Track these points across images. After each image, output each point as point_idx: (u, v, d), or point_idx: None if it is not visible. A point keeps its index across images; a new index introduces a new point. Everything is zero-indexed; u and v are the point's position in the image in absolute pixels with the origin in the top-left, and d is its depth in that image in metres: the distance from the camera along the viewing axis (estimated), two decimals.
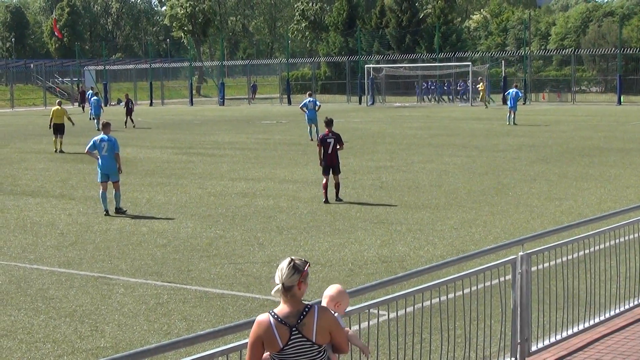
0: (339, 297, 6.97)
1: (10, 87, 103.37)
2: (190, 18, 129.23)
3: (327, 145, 23.35)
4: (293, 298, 6.47)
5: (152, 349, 6.70)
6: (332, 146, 23.34)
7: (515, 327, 10.03)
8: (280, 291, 6.48)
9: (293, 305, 6.47)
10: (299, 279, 6.44)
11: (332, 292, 7.03)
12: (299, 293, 6.48)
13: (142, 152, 38.65)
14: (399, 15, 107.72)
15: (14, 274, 15.74)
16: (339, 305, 6.93)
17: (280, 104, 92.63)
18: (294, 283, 6.44)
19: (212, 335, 7.18)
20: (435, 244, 17.64)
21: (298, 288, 6.45)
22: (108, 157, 22.51)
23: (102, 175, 22.48)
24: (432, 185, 26.11)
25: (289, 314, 6.46)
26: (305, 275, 6.48)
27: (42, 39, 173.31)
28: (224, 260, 16.50)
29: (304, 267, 6.48)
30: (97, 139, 22.60)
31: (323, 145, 23.40)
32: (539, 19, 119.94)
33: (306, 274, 6.49)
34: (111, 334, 12.02)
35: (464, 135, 43.86)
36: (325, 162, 23.32)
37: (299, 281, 6.44)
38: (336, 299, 6.96)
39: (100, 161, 22.52)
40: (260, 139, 44.46)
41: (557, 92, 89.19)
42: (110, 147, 22.56)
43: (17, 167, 33.55)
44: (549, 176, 27.60)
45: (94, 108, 56.40)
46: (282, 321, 6.44)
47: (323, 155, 23.33)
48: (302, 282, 6.46)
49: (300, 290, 6.47)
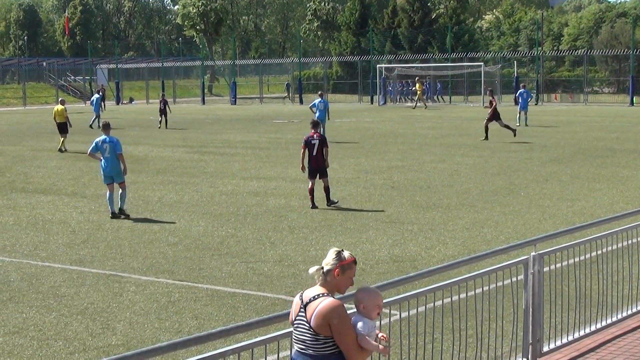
0: (361, 297, 6.76)
1: (22, 85, 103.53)
2: (202, 17, 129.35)
3: (311, 147, 22.43)
4: (326, 283, 6.63)
5: (163, 347, 6.71)
6: (317, 148, 22.39)
7: (527, 327, 10.02)
8: (320, 273, 6.65)
9: (321, 288, 6.64)
10: (337, 265, 6.59)
11: (356, 292, 6.89)
12: (334, 280, 6.61)
13: (154, 151, 38.69)
14: (411, 15, 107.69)
15: (25, 271, 15.77)
16: (364, 308, 6.71)
17: (292, 103, 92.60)
18: (331, 267, 6.60)
19: (223, 334, 7.19)
20: (446, 243, 17.61)
21: (334, 275, 6.59)
22: (111, 158, 21.93)
23: (107, 177, 21.97)
24: (443, 185, 26.08)
25: (311, 293, 6.64)
26: (344, 265, 6.61)
27: (55, 38, 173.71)
28: (235, 259, 16.50)
29: (347, 257, 6.65)
30: (99, 141, 21.95)
31: (308, 147, 22.51)
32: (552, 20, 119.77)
33: (346, 263, 6.62)
34: (122, 332, 12.03)
35: (475, 136, 43.78)
36: (311, 165, 22.52)
37: (335, 267, 6.59)
38: (360, 300, 6.76)
39: (104, 163, 21.95)
40: (272, 138, 44.47)
41: (569, 93, 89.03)
42: (113, 148, 21.93)
43: (29, 165, 33.61)
44: (561, 177, 27.54)
45: (95, 106, 56.15)
46: (300, 297, 6.67)
47: (308, 157, 22.53)
48: (340, 270, 6.59)
49: (337, 278, 6.60)
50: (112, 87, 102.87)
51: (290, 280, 14.73)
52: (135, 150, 38.96)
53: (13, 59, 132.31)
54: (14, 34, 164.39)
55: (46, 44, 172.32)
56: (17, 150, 40.42)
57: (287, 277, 14.92)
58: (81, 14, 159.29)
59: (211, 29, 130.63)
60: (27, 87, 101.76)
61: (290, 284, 14.44)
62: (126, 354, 6.35)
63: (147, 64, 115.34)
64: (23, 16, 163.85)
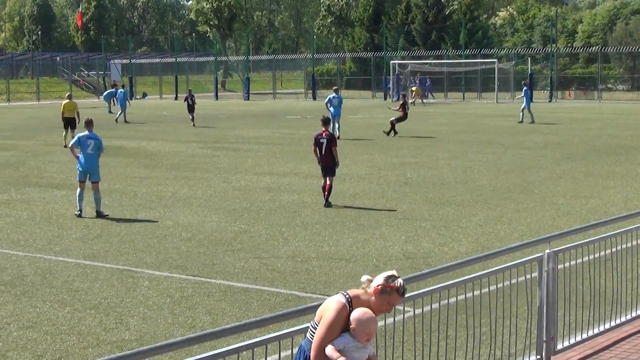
0: (356, 319, 6.65)
1: (36, 79, 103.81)
2: (216, 12, 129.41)
3: (320, 146, 22.28)
4: (366, 294, 6.80)
5: (177, 342, 6.72)
6: (325, 147, 22.20)
7: (541, 325, 9.99)
8: (368, 284, 6.86)
9: (359, 291, 6.85)
10: (380, 284, 6.75)
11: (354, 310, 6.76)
12: (371, 297, 6.76)
13: (167, 146, 38.74)
14: (425, 11, 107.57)
15: (39, 265, 15.80)
16: (354, 330, 6.62)
17: (305, 99, 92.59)
18: (375, 284, 6.77)
19: (237, 330, 7.18)
20: (460, 240, 17.59)
21: (373, 291, 6.75)
22: (93, 155, 21.58)
23: (82, 173, 21.42)
24: (457, 182, 26.04)
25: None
26: (387, 288, 6.73)
27: (69, 32, 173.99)
28: (249, 254, 16.50)
29: (394, 283, 6.74)
30: (83, 136, 21.53)
31: (317, 145, 22.38)
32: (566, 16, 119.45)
33: (389, 287, 6.72)
34: (136, 327, 12.05)
35: (489, 132, 43.73)
36: (320, 163, 22.41)
37: (378, 285, 6.75)
38: (354, 320, 6.66)
39: (83, 159, 21.47)
40: (285, 134, 44.47)
41: (583, 90, 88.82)
42: (97, 145, 21.65)
43: (42, 160, 33.69)
44: (574, 174, 27.47)
45: (120, 100, 57.04)
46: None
47: (318, 155, 22.33)
48: (379, 290, 6.73)
49: (374, 296, 6.73)
50: (126, 82, 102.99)
51: (303, 276, 14.73)
52: (149, 146, 39.02)
53: (27, 54, 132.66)
54: (28, 28, 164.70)
55: (60, 39, 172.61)
56: (30, 144, 40.52)
57: (300, 273, 14.91)
58: (95, 9, 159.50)
59: (225, 25, 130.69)
60: (40, 82, 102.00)
61: (303, 280, 14.44)
62: (140, 349, 6.36)
63: (161, 60, 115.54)
64: (37, 11, 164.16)
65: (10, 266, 15.78)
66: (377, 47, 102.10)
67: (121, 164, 31.97)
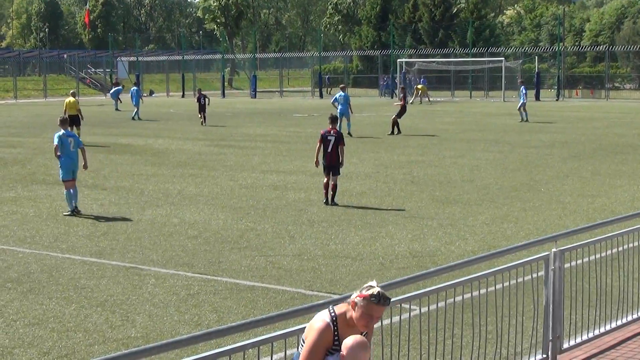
0: (346, 347, 6.35)
1: (43, 77, 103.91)
2: (223, 10, 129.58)
3: (327, 143, 22.01)
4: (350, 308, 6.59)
5: (183, 340, 6.71)
6: (333, 145, 21.99)
7: (547, 324, 9.97)
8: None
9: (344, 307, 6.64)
10: (355, 296, 6.52)
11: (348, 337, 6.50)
12: (351, 310, 6.55)
13: (174, 144, 38.76)
14: (432, 9, 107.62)
15: (46, 263, 15.81)
16: (342, 357, 6.34)
17: (312, 97, 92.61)
18: (352, 297, 6.54)
19: (243, 327, 7.18)
20: (466, 239, 17.57)
21: (352, 305, 6.52)
22: (75, 153, 21.63)
23: (69, 172, 21.38)
24: (463, 181, 26.03)
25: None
26: (358, 298, 6.47)
27: (76, 30, 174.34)
28: (255, 252, 16.51)
29: (365, 292, 6.48)
30: (62, 135, 21.51)
31: (323, 142, 22.08)
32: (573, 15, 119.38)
33: (359, 297, 6.48)
34: (142, 324, 12.06)
35: (496, 131, 43.70)
36: (325, 161, 22.08)
37: (353, 298, 6.52)
38: (344, 346, 6.38)
39: (68, 158, 21.46)
40: (292, 132, 44.47)
41: (590, 89, 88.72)
42: (77, 142, 21.73)
43: (49, 157, 33.64)
44: (581, 173, 27.44)
45: (134, 98, 57.31)
46: None
47: (323, 154, 22.08)
48: (354, 303, 6.51)
49: (354, 310, 6.51)
50: (133, 80, 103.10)
51: (309, 274, 14.72)
52: (155, 143, 39.05)
53: (34, 51, 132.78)
54: (35, 26, 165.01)
55: (67, 37, 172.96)
56: (37, 142, 40.56)
57: (307, 271, 14.91)
58: (102, 6, 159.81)
59: (232, 23, 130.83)
60: (47, 79, 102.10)
61: (309, 278, 14.43)
62: (146, 346, 6.36)
63: (168, 57, 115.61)
64: (44, 8, 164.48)
65: (17, 263, 15.80)
66: (384, 45, 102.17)
67: (128, 161, 32.00)
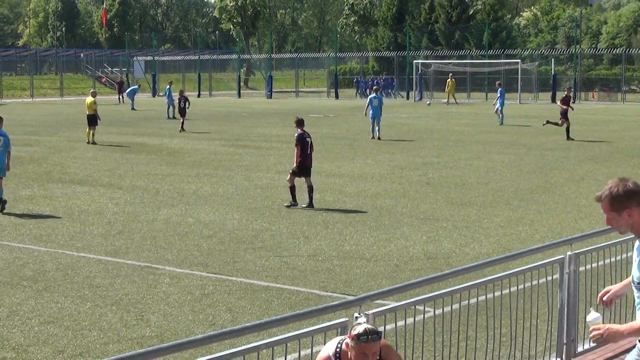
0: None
1: (59, 75, 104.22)
2: (239, 10, 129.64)
3: (306, 145, 22.07)
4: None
5: (197, 339, 6.73)
6: (310, 146, 22.18)
7: (562, 327, 9.96)
8: None
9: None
10: (347, 336, 6.45)
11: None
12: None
13: (190, 143, 38.82)
14: (448, 11, 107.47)
15: (61, 261, 15.87)
16: None
17: (328, 98, 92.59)
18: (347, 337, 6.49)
19: (257, 328, 7.19)
20: (481, 241, 17.55)
21: (345, 346, 6.47)
22: (2, 152, 21.66)
23: None
24: (479, 183, 25.99)
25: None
26: (352, 338, 6.37)
27: (92, 29, 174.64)
28: (270, 252, 16.53)
29: (352, 332, 6.40)
30: None
31: (302, 144, 22.05)
32: (590, 17, 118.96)
33: (351, 337, 6.37)
34: (156, 324, 12.09)
35: (511, 133, 43.61)
36: (304, 163, 21.99)
37: (346, 338, 6.46)
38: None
39: None
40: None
41: (606, 92, 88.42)
42: (6, 143, 21.78)
43: (65, 156, 33.82)
44: (597, 176, 27.36)
45: (169, 97, 58.06)
46: None
47: (302, 155, 21.96)
48: (348, 342, 6.41)
49: (348, 350, 6.45)
50: (149, 79, 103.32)
51: (324, 275, 14.73)
52: (171, 143, 39.12)
53: (51, 50, 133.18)
54: (52, 24, 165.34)
55: (84, 36, 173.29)
56: (53, 140, 40.69)
57: (321, 272, 14.92)
58: (119, 5, 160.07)
59: (248, 23, 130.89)
60: (64, 78, 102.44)
61: (323, 279, 14.44)
62: (160, 346, 6.37)
63: (184, 57, 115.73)
64: (61, 7, 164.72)
65: (33, 261, 15.86)
66: (400, 46, 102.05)
67: (143, 161, 32.07)
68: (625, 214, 6.26)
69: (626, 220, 6.29)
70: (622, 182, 6.31)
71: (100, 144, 38.31)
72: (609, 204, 6.31)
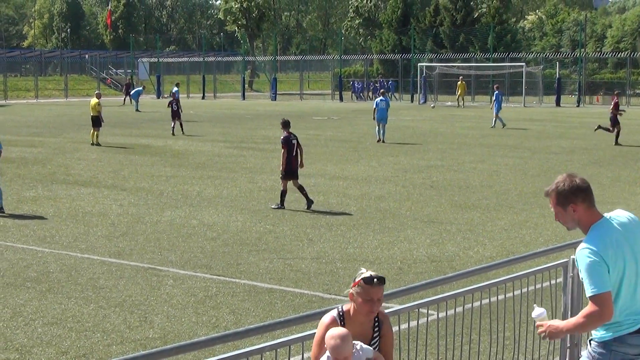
0: (326, 341, 6.39)
1: (64, 77, 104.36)
2: (244, 12, 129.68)
3: (292, 147, 22.09)
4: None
5: (201, 341, 6.72)
6: (296, 148, 22.18)
7: None
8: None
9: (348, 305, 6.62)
10: (352, 286, 6.51)
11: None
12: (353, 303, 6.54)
13: (194, 145, 38.84)
14: (453, 14, 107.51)
15: (65, 262, 15.88)
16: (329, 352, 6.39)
17: (332, 100, 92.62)
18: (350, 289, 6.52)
19: (260, 330, 7.19)
20: (485, 244, 17.55)
21: (350, 297, 6.55)
22: None
23: None
24: (483, 186, 25.98)
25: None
26: (354, 286, 6.46)
27: (97, 30, 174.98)
28: (273, 255, 16.53)
29: (357, 279, 6.47)
30: None
31: (288, 146, 22.08)
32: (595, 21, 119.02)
33: (355, 284, 6.46)
34: (160, 325, 12.09)
35: (516, 136, 43.60)
36: (290, 166, 22.01)
37: (351, 288, 6.52)
38: (326, 341, 6.41)
39: None
40: (311, 135, 44.46)
41: (611, 95, 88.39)
42: None
43: (70, 157, 33.85)
44: (601, 180, 27.33)
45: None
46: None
47: (287, 158, 21.99)
48: (352, 293, 6.49)
49: (352, 301, 6.53)
50: (153, 81, 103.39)
51: (327, 277, 14.73)
52: (175, 145, 39.14)
53: (55, 51, 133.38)
54: (57, 26, 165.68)
55: (88, 37, 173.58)
56: (58, 142, 40.72)
57: (325, 274, 14.92)
58: (124, 7, 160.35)
59: (253, 25, 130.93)
60: (69, 79, 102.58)
61: (327, 281, 14.44)
62: (164, 347, 6.37)
63: (189, 59, 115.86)
64: (66, 9, 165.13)
65: (36, 262, 15.87)
66: (405, 49, 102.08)
67: (147, 162, 32.09)
68: (570, 209, 6.39)
69: (572, 215, 6.42)
70: (569, 178, 6.43)
71: (105, 146, 38.33)
72: (555, 199, 6.46)
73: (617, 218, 6.56)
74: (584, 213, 6.38)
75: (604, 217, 6.46)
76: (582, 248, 6.24)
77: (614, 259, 6.23)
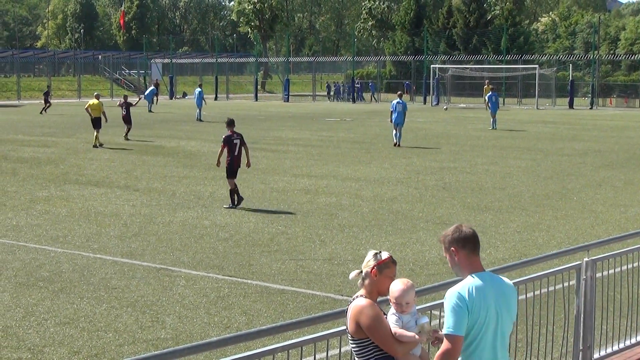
0: (391, 291, 6.61)
1: (77, 77, 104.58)
2: (257, 14, 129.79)
3: (233, 147, 22.57)
4: (366, 286, 6.65)
5: (213, 342, 6.73)
6: (238, 147, 22.66)
7: (578, 333, 9.91)
8: (360, 276, 6.70)
9: (362, 291, 6.66)
10: (374, 265, 6.62)
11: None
12: (373, 282, 6.62)
13: (206, 146, 38.86)
14: (466, 16, 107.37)
15: (77, 262, 15.90)
16: (394, 303, 6.58)
17: (345, 102, 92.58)
18: (369, 269, 6.63)
19: (272, 331, 7.19)
20: (497, 247, 17.51)
21: (372, 276, 6.61)
22: None
23: None
24: (495, 188, 25.93)
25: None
26: (381, 265, 6.63)
27: (111, 31, 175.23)
28: (285, 256, 16.52)
29: (384, 257, 6.67)
30: None
31: (229, 145, 22.57)
32: (609, 23, 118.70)
33: (382, 262, 6.64)
34: (172, 326, 12.09)
35: (529, 139, 43.52)
36: (233, 166, 22.56)
37: (372, 267, 6.62)
38: (390, 292, 6.62)
39: None
40: (324, 136, 44.47)
41: (624, 98, 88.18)
42: None
43: (82, 157, 33.90)
44: (614, 182, 27.27)
45: (197, 99, 58.49)
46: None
47: (230, 157, 22.52)
48: (377, 270, 6.61)
49: (375, 279, 6.60)
50: (166, 82, 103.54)
51: (339, 278, 14.72)
52: (188, 145, 39.19)
53: (69, 52, 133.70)
54: (71, 26, 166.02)
55: (102, 38, 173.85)
56: (71, 142, 40.80)
57: (337, 276, 14.91)
58: (137, 8, 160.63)
59: (266, 26, 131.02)
60: (82, 80, 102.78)
61: (339, 283, 14.43)
62: (176, 348, 6.38)
63: (201, 60, 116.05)
64: (80, 9, 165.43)
65: (49, 262, 15.90)
66: (418, 50, 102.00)
67: (160, 163, 32.12)
68: (452, 252, 6.50)
69: (454, 259, 6.53)
70: (456, 227, 6.57)
71: (117, 146, 38.40)
72: (443, 245, 6.61)
73: (498, 278, 6.68)
74: (465, 259, 6.51)
75: (484, 272, 6.55)
76: (452, 290, 6.40)
77: (477, 310, 6.34)
